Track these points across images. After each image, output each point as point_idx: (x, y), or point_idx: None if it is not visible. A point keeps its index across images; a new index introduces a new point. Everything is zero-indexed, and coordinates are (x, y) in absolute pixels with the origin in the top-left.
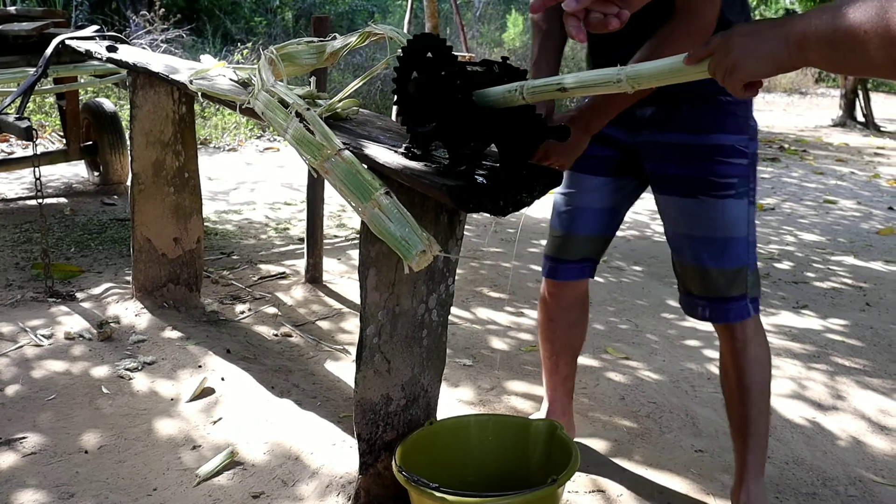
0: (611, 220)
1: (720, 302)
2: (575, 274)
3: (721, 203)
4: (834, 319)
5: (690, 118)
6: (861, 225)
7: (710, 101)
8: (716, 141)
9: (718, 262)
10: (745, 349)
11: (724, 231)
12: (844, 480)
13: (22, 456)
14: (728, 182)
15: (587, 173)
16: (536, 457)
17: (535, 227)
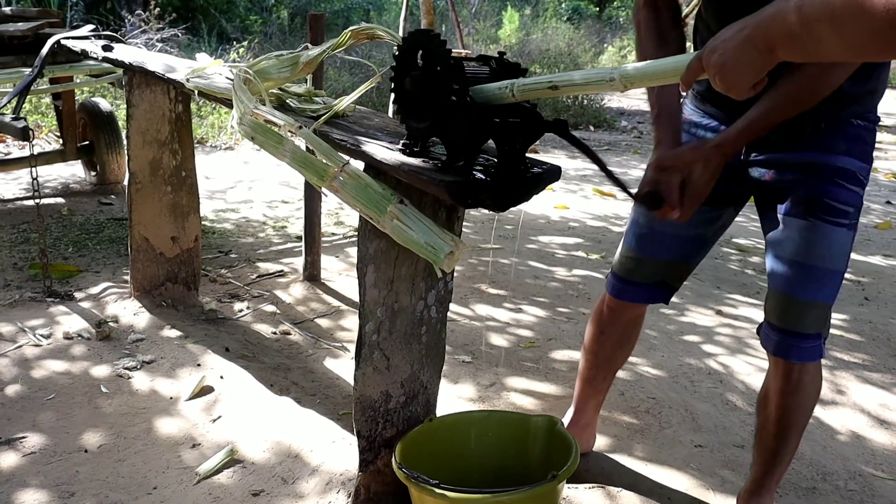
0: (698, 249)
1: (794, 337)
2: (642, 297)
3: (833, 231)
4: (833, 314)
5: (816, 138)
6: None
7: (842, 123)
8: (841, 163)
9: (810, 295)
10: (796, 391)
11: (827, 261)
12: (844, 475)
13: (22, 455)
14: (845, 209)
15: None
16: (536, 453)
17: (533, 224)
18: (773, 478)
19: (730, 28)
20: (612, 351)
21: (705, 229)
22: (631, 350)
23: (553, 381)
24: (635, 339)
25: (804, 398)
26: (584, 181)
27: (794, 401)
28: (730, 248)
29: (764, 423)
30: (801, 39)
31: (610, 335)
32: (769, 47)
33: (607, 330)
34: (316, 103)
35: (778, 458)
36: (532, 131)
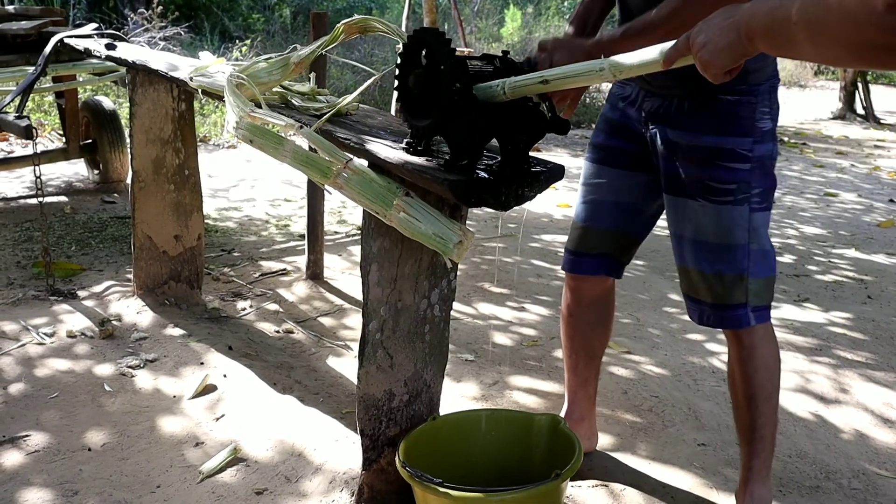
0: (629, 218)
1: (718, 308)
2: (591, 268)
3: (718, 209)
4: (836, 312)
5: (691, 117)
6: (862, 218)
7: (711, 100)
8: (714, 143)
9: (714, 268)
10: (750, 356)
11: (720, 237)
12: (848, 473)
13: (26, 454)
14: (725, 188)
15: (604, 165)
16: (539, 451)
17: (536, 222)
18: (759, 458)
19: (721, 11)
20: (585, 334)
21: (634, 196)
22: (606, 334)
23: (556, 379)
24: (608, 322)
25: (760, 361)
26: None
27: (751, 365)
28: None
29: (734, 398)
30: (778, 36)
31: (579, 317)
32: (749, 36)
33: (574, 312)
34: (319, 101)
35: (757, 434)
36: (535, 130)
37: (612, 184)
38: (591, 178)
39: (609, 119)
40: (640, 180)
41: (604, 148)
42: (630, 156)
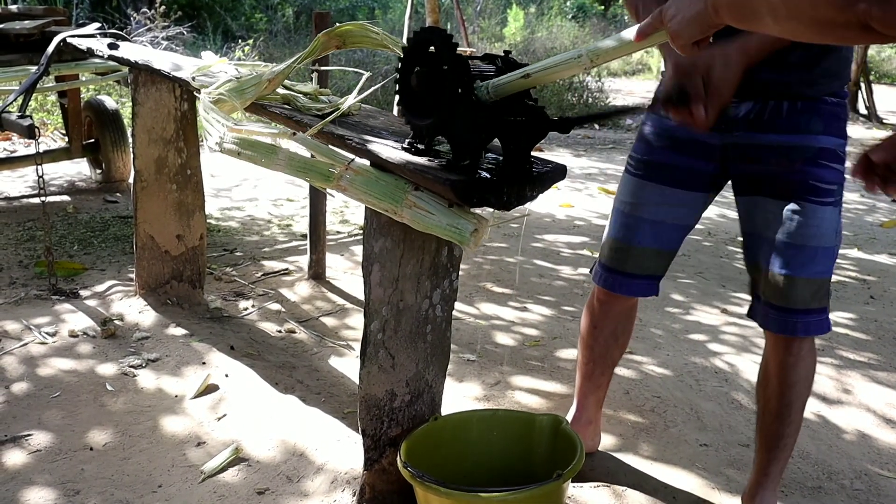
0: (678, 236)
1: (803, 314)
2: (639, 290)
3: (820, 210)
4: (838, 312)
5: (793, 118)
6: (865, 218)
7: (815, 100)
8: (822, 143)
9: (807, 272)
10: (796, 364)
11: (818, 240)
12: (850, 474)
13: (28, 453)
14: (829, 188)
15: (662, 183)
16: (541, 451)
17: (538, 223)
18: (776, 466)
19: None
20: (607, 344)
21: (687, 216)
22: (626, 343)
23: (558, 379)
24: (629, 332)
25: (804, 370)
26: (590, 180)
27: (796, 373)
28: (735, 246)
29: (765, 404)
30: (742, 8)
31: (602, 329)
32: (715, 8)
33: (599, 324)
34: (322, 102)
35: (781, 443)
36: (537, 130)
37: (670, 204)
38: (639, 196)
39: (669, 132)
40: (698, 199)
41: (661, 165)
42: (695, 174)
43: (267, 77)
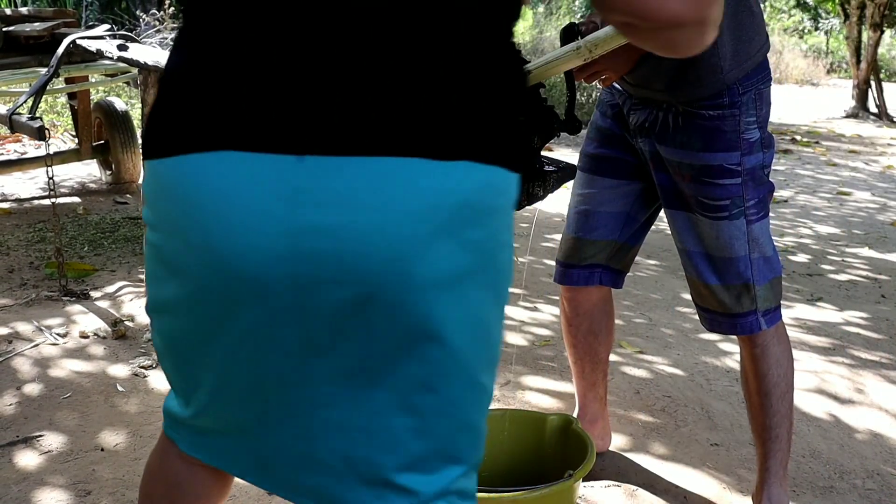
0: (622, 227)
1: (728, 317)
2: (581, 279)
3: (716, 224)
4: (850, 312)
5: (676, 134)
6: (876, 216)
7: (693, 117)
8: (702, 161)
9: (719, 279)
10: (764, 354)
11: (721, 251)
12: (862, 474)
13: (39, 454)
14: (718, 204)
15: (597, 174)
16: (552, 451)
17: (548, 222)
18: (775, 459)
19: None
20: (587, 341)
21: (626, 205)
22: (608, 339)
23: (569, 379)
24: (610, 328)
25: (773, 358)
26: None
27: (765, 363)
28: None
29: (748, 398)
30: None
31: (578, 326)
32: None
33: (573, 322)
34: None
35: (772, 433)
36: (547, 130)
37: (605, 193)
38: (582, 187)
39: (600, 127)
40: (634, 188)
41: (595, 157)
42: (623, 165)
43: None
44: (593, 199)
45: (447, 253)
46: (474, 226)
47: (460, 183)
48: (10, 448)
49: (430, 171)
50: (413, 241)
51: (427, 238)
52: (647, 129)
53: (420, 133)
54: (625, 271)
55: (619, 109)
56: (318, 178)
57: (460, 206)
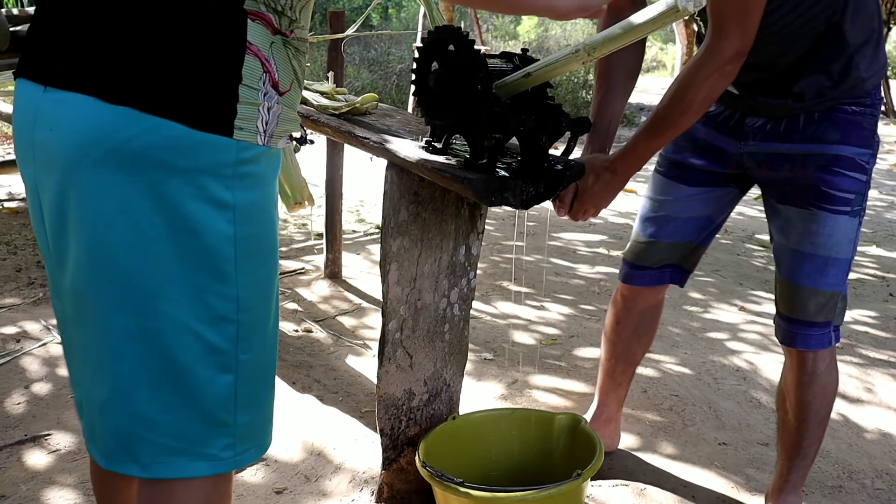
0: (702, 229)
1: (803, 326)
2: (652, 280)
3: (832, 218)
4: (858, 311)
5: (809, 129)
6: (884, 215)
7: (833, 111)
8: (836, 151)
9: (814, 283)
10: (812, 381)
11: (828, 250)
12: (871, 473)
13: (48, 453)
14: (844, 197)
15: (682, 182)
16: (560, 450)
17: (555, 221)
18: (798, 473)
19: None
20: (629, 342)
21: (710, 210)
22: (649, 343)
23: (577, 378)
24: (653, 332)
25: (820, 388)
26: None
27: (811, 391)
28: (752, 244)
29: (784, 416)
30: None
31: (626, 325)
32: None
33: (623, 320)
34: (338, 101)
35: (801, 452)
36: (556, 129)
37: (688, 201)
38: (663, 193)
39: (691, 135)
40: (721, 194)
41: (683, 165)
42: (712, 175)
43: None
44: (674, 206)
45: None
46: (133, 169)
47: (123, 126)
48: (18, 447)
49: (100, 109)
50: (80, 162)
51: (91, 163)
52: (768, 132)
53: (103, 77)
54: (692, 270)
55: (724, 119)
56: (47, 104)
57: (118, 146)
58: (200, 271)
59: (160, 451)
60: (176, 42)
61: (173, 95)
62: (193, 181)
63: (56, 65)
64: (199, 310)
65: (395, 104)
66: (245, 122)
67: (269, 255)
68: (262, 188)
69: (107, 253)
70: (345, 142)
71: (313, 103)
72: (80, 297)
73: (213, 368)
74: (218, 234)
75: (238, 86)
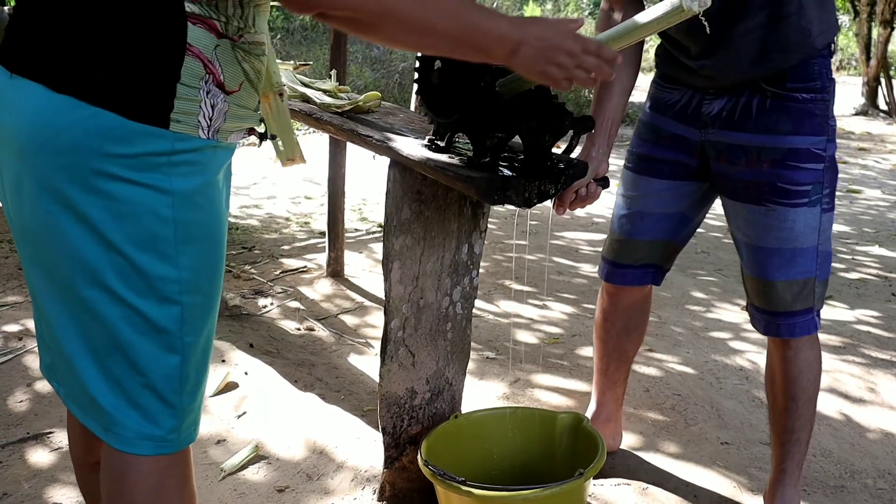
0: (677, 226)
1: (785, 316)
2: (634, 279)
3: (792, 212)
4: (860, 310)
5: (762, 118)
6: (887, 214)
7: (784, 100)
8: (790, 144)
9: (784, 275)
10: (796, 357)
11: (793, 242)
12: (873, 473)
13: (50, 450)
14: (800, 189)
15: (651, 176)
16: (562, 450)
17: (557, 220)
18: (792, 460)
19: None
20: (619, 339)
21: (682, 206)
22: (640, 338)
23: (579, 377)
24: (643, 327)
25: (805, 362)
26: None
27: (796, 366)
28: None
29: (773, 400)
30: None
31: (614, 322)
32: None
33: (610, 317)
34: (341, 99)
35: (794, 436)
36: (559, 127)
37: (660, 195)
38: (634, 189)
39: (655, 127)
40: (690, 189)
41: (648, 158)
42: (680, 166)
43: None
44: (646, 201)
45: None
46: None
47: (65, 113)
48: (21, 445)
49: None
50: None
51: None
52: (724, 119)
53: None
54: (669, 269)
55: (682, 106)
56: (11, 90)
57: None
58: (144, 251)
59: (113, 422)
60: (118, 40)
61: (113, 88)
62: (130, 167)
63: (20, 54)
64: (142, 288)
65: (397, 102)
66: (183, 116)
67: (215, 242)
68: (203, 176)
69: (57, 231)
70: (347, 140)
71: (316, 101)
72: (40, 268)
73: (159, 347)
74: (157, 217)
75: (176, 84)
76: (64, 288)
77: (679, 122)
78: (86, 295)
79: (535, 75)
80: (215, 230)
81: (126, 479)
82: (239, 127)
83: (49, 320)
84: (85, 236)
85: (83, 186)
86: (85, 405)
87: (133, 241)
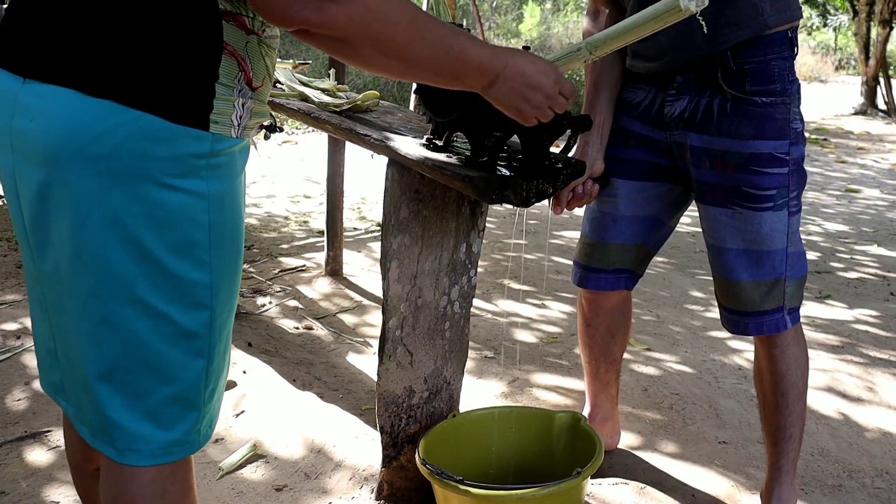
0: (649, 230)
1: (753, 316)
2: (607, 284)
3: (758, 216)
4: (859, 310)
5: (723, 122)
6: (886, 214)
7: (744, 104)
8: (751, 149)
9: (751, 275)
10: (782, 355)
11: (760, 244)
12: (871, 472)
13: (48, 449)
14: (765, 194)
15: (621, 177)
16: (560, 449)
17: (556, 219)
18: (786, 458)
19: None
20: (604, 342)
21: (654, 209)
22: (625, 338)
23: (577, 376)
24: (627, 327)
25: (792, 358)
26: None
27: (784, 363)
28: None
29: (763, 398)
30: None
31: (596, 326)
32: None
33: (592, 322)
34: (339, 98)
35: (786, 433)
36: (557, 127)
37: (630, 197)
38: (604, 191)
39: (623, 129)
40: (662, 191)
41: (619, 159)
42: (650, 166)
43: None
44: (617, 203)
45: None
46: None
47: (103, 118)
48: (18, 443)
49: (81, 101)
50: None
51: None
52: (686, 121)
53: (83, 71)
54: (642, 274)
55: (646, 107)
56: (27, 96)
57: (98, 137)
58: (179, 258)
59: (136, 438)
60: (156, 41)
61: (155, 90)
62: (171, 172)
63: (35, 58)
64: (174, 295)
65: (396, 102)
66: (220, 117)
67: (238, 243)
68: (233, 178)
69: (87, 241)
70: (346, 139)
71: (315, 100)
72: (61, 283)
73: (187, 353)
74: (195, 223)
75: (215, 83)
76: (86, 302)
77: (644, 123)
78: (111, 308)
79: (507, 109)
80: (240, 231)
81: (129, 487)
82: (257, 123)
83: (64, 337)
84: (117, 244)
85: (122, 192)
86: (97, 429)
87: (169, 248)
